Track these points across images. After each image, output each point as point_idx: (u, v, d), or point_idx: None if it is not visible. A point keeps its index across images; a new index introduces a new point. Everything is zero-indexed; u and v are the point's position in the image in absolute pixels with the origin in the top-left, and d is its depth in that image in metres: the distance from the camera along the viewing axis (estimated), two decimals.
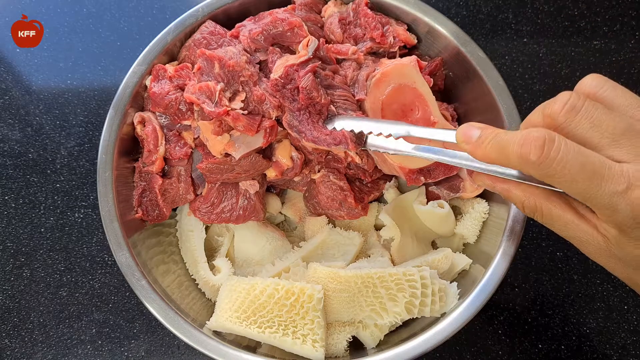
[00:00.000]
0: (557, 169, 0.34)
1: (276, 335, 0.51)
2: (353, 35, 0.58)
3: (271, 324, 0.51)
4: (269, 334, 0.51)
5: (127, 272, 0.54)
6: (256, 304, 0.51)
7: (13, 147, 0.73)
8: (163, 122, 0.59)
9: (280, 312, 0.51)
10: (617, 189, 0.33)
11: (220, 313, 0.53)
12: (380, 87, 0.54)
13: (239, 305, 0.52)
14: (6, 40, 0.77)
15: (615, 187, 0.33)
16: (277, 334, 0.51)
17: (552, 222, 0.40)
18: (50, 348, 0.67)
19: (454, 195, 0.60)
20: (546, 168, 0.34)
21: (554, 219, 0.39)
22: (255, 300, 0.51)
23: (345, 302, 0.52)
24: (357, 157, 0.58)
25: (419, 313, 0.52)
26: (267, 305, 0.51)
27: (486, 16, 0.78)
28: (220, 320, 0.52)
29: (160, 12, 0.79)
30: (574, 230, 0.38)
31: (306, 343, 0.50)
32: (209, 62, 0.53)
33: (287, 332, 0.51)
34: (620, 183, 0.33)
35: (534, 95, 0.74)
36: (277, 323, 0.51)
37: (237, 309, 0.52)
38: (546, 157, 0.34)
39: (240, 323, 0.51)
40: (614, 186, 0.33)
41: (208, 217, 0.59)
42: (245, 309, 0.52)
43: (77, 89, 0.76)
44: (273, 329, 0.51)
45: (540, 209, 0.40)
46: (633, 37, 0.76)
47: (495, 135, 0.38)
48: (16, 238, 0.71)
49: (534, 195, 0.40)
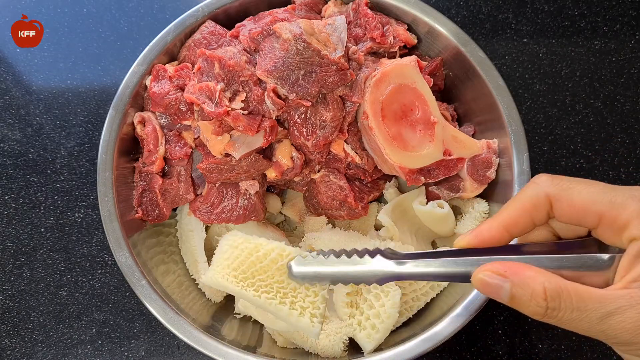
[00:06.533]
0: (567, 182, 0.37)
1: (272, 302, 0.47)
2: (353, 35, 0.58)
3: (269, 289, 0.47)
4: (265, 299, 0.47)
5: (127, 272, 0.54)
6: (257, 266, 0.48)
7: (13, 147, 0.73)
8: (163, 122, 0.59)
9: (281, 277, 0.48)
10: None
11: (217, 269, 0.49)
12: (380, 87, 0.54)
13: (239, 264, 0.48)
14: (6, 40, 0.77)
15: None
16: (273, 300, 0.47)
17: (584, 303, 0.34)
18: (50, 348, 0.67)
19: (454, 195, 0.60)
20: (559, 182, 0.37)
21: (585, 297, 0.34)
22: (257, 262, 0.48)
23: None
24: (357, 157, 0.58)
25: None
26: (268, 270, 0.48)
27: (486, 16, 0.78)
28: (216, 277, 0.48)
29: (160, 12, 0.79)
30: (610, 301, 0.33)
31: (304, 316, 0.47)
32: (209, 62, 0.53)
33: (284, 301, 0.47)
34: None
35: (534, 95, 0.74)
36: (276, 289, 0.47)
37: (236, 268, 0.48)
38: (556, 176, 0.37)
39: (237, 283, 0.48)
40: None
41: (208, 217, 0.59)
42: (244, 269, 0.48)
43: (77, 89, 0.76)
44: (270, 294, 0.47)
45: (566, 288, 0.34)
46: (633, 37, 0.76)
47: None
48: (16, 238, 0.71)
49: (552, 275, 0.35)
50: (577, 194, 0.36)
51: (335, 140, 0.58)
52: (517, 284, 0.35)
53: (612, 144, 0.72)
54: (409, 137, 0.55)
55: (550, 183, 0.37)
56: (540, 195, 0.37)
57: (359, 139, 0.59)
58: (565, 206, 0.36)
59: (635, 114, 0.73)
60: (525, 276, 0.35)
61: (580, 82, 0.74)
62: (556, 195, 0.37)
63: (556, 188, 0.37)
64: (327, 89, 0.54)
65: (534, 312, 0.35)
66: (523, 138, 0.55)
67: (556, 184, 0.37)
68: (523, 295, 0.35)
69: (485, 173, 0.58)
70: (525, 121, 0.69)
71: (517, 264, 0.36)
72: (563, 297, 0.34)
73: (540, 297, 0.34)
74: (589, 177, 0.71)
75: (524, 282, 0.35)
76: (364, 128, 0.56)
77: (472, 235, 0.39)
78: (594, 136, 0.72)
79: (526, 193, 0.38)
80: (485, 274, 0.37)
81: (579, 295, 0.34)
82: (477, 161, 0.58)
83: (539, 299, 0.34)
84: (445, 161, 0.57)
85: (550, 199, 0.37)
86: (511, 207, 0.39)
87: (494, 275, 0.36)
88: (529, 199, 0.38)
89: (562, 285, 0.34)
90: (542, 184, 0.38)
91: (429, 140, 0.56)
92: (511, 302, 0.36)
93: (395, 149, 0.55)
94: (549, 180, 0.38)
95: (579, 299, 0.34)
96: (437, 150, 0.56)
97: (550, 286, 0.34)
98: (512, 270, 0.36)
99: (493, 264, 0.37)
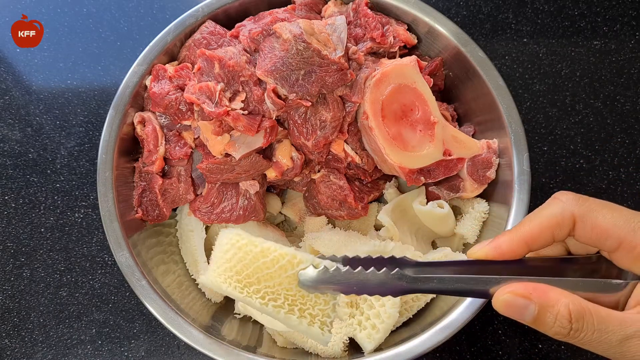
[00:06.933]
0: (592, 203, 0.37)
1: (280, 310, 0.44)
2: (353, 35, 0.58)
3: (276, 297, 0.44)
4: (272, 307, 0.44)
5: (127, 272, 0.54)
6: (264, 272, 0.43)
7: (13, 147, 0.73)
8: (163, 122, 0.59)
9: (289, 285, 0.44)
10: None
11: (217, 270, 0.44)
12: (380, 87, 0.54)
13: (242, 268, 0.44)
14: (6, 40, 0.77)
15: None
16: (282, 309, 0.44)
17: (605, 325, 0.34)
18: (50, 348, 0.67)
19: (454, 195, 0.60)
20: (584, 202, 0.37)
21: (606, 320, 0.34)
22: (264, 268, 0.43)
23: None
24: (357, 157, 0.58)
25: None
26: (276, 277, 0.44)
27: (486, 16, 0.78)
28: (217, 281, 0.44)
29: (160, 12, 0.79)
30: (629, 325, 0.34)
31: (314, 325, 0.44)
32: (209, 62, 0.53)
33: (293, 309, 0.44)
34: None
35: (534, 95, 0.74)
36: (284, 297, 0.44)
37: (239, 272, 0.44)
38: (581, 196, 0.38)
39: (241, 289, 0.44)
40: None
41: (208, 217, 0.59)
42: (249, 273, 0.44)
43: (77, 89, 0.76)
44: (278, 302, 0.44)
45: (589, 310, 0.34)
46: (633, 37, 0.76)
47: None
48: (16, 238, 0.71)
49: (576, 297, 0.36)
50: (602, 217, 0.36)
51: (335, 140, 0.58)
52: (543, 305, 0.35)
53: (612, 144, 0.72)
54: (409, 137, 0.55)
55: (576, 203, 0.37)
56: (566, 214, 0.37)
57: (359, 139, 0.59)
58: (589, 227, 0.37)
59: (635, 114, 0.73)
60: (550, 298, 0.35)
61: (580, 82, 0.74)
62: (582, 216, 0.37)
63: (582, 208, 0.37)
64: (327, 89, 0.54)
65: (556, 332, 0.35)
66: (523, 138, 0.55)
67: (582, 204, 0.37)
68: (548, 317, 0.35)
69: (485, 173, 0.58)
70: (525, 121, 0.69)
71: (541, 285, 0.36)
72: (586, 319, 0.34)
73: (565, 318, 0.35)
74: (589, 177, 0.71)
75: (549, 304, 0.35)
76: (364, 128, 0.57)
77: (490, 247, 0.39)
78: (594, 136, 0.72)
79: (550, 210, 0.38)
80: (508, 295, 0.36)
81: (601, 317, 0.34)
82: (477, 161, 0.58)
83: (563, 320, 0.35)
84: (445, 161, 0.57)
85: (575, 219, 0.37)
86: (534, 222, 0.38)
87: (518, 298, 0.36)
88: (553, 216, 0.38)
89: (585, 307, 0.35)
90: (567, 203, 0.38)
91: (429, 140, 0.56)
92: (534, 322, 0.36)
93: (395, 149, 0.55)
94: (575, 199, 0.38)
95: (600, 320, 0.34)
96: (437, 150, 0.56)
97: (575, 308, 0.35)
98: (537, 292, 0.36)
99: (516, 285, 0.37)
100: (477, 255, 0.39)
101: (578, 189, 0.71)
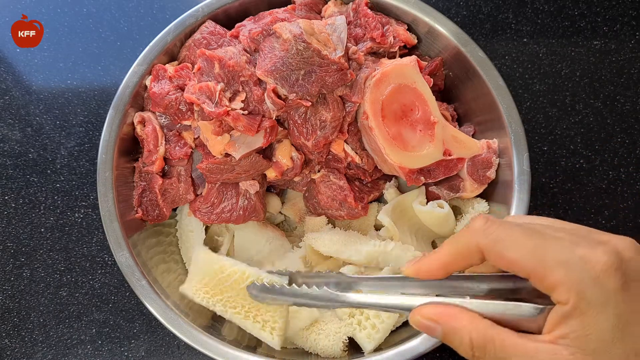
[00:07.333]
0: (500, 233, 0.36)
1: (238, 316, 0.53)
2: (353, 35, 0.58)
3: (235, 305, 0.53)
4: (231, 313, 0.53)
5: (127, 272, 0.54)
6: (224, 284, 0.53)
7: (13, 147, 0.73)
8: (163, 122, 0.59)
9: (245, 295, 0.52)
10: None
11: (191, 283, 0.55)
12: (380, 87, 0.54)
13: (207, 282, 0.53)
14: (6, 40, 0.77)
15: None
16: (239, 315, 0.53)
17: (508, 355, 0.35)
18: (50, 348, 0.67)
19: (454, 195, 0.60)
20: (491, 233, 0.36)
21: (509, 349, 0.35)
22: (223, 281, 0.53)
23: None
24: (357, 157, 0.58)
25: None
26: (234, 288, 0.53)
27: (486, 16, 0.78)
28: (191, 291, 0.54)
29: (160, 12, 0.79)
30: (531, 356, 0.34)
31: (265, 329, 0.52)
32: (209, 62, 0.53)
33: (249, 316, 0.53)
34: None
35: (534, 95, 0.74)
36: (241, 305, 0.53)
37: (206, 284, 0.54)
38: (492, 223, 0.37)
39: (209, 299, 0.53)
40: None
41: (208, 217, 0.59)
42: (213, 285, 0.53)
43: (77, 89, 0.76)
44: (236, 309, 0.53)
45: (492, 339, 0.36)
46: (633, 37, 0.76)
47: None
48: (16, 238, 0.71)
49: (482, 324, 0.37)
50: (506, 249, 0.36)
51: (335, 140, 0.58)
52: (447, 331, 0.38)
53: (612, 144, 0.72)
54: (409, 137, 0.55)
55: (482, 234, 0.37)
56: (472, 245, 0.38)
57: (359, 139, 0.59)
58: (496, 258, 0.37)
59: (635, 114, 0.73)
60: (454, 326, 0.38)
61: (580, 82, 0.74)
62: (486, 247, 0.37)
63: (487, 240, 0.37)
64: (327, 89, 0.54)
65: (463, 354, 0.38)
66: (523, 138, 0.55)
67: (488, 235, 0.37)
68: (453, 341, 0.38)
69: (485, 173, 0.58)
70: (525, 121, 0.69)
71: (451, 309, 0.38)
72: (487, 348, 0.36)
73: (467, 345, 0.37)
74: (589, 177, 0.71)
75: (454, 330, 0.37)
76: (364, 128, 0.57)
77: (413, 269, 0.41)
78: (594, 136, 0.72)
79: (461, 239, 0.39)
80: (419, 318, 0.39)
81: (504, 347, 0.35)
82: (477, 161, 0.58)
83: (465, 347, 0.37)
84: (445, 161, 0.57)
85: (481, 249, 0.37)
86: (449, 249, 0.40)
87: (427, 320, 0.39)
88: (463, 245, 0.39)
89: (489, 336, 0.36)
90: (474, 233, 0.38)
91: (429, 140, 0.56)
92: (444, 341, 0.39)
93: (395, 149, 0.55)
94: (482, 230, 0.37)
95: (502, 350, 0.35)
96: (437, 150, 0.56)
97: (477, 336, 0.36)
98: (444, 316, 0.38)
99: (428, 308, 0.39)
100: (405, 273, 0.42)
101: (578, 189, 0.71)
